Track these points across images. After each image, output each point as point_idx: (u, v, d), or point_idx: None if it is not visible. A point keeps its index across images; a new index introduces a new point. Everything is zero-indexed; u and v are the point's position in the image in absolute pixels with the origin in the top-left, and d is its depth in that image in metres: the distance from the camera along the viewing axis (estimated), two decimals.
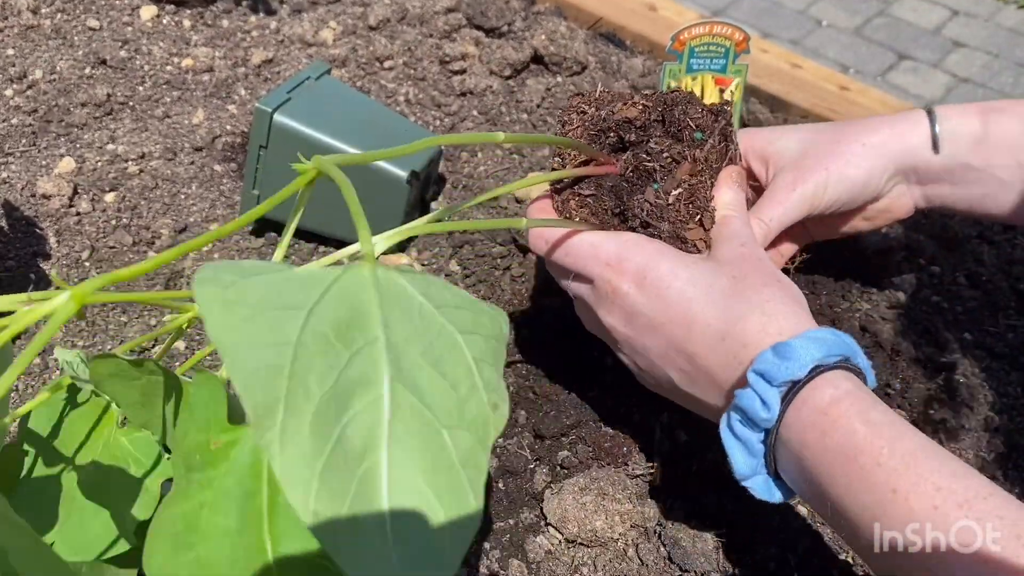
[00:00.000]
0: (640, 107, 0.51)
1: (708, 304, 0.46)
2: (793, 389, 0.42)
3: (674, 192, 0.49)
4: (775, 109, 0.92)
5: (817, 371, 0.42)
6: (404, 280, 0.29)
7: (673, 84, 0.79)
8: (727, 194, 0.52)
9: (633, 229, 0.50)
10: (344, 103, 0.72)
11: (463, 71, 0.94)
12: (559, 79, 0.94)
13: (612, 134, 0.52)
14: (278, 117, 0.66)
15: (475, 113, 0.89)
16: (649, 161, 0.50)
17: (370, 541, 0.23)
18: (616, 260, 0.49)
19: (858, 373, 0.44)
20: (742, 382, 0.44)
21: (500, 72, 0.93)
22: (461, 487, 0.25)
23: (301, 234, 0.74)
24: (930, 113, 0.57)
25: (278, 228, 0.74)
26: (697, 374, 0.47)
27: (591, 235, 0.50)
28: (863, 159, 0.57)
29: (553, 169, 0.53)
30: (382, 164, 0.66)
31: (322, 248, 0.73)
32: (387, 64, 0.94)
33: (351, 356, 0.25)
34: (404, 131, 0.73)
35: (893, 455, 0.39)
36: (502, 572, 0.53)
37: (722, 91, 0.79)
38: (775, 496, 0.45)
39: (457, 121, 0.88)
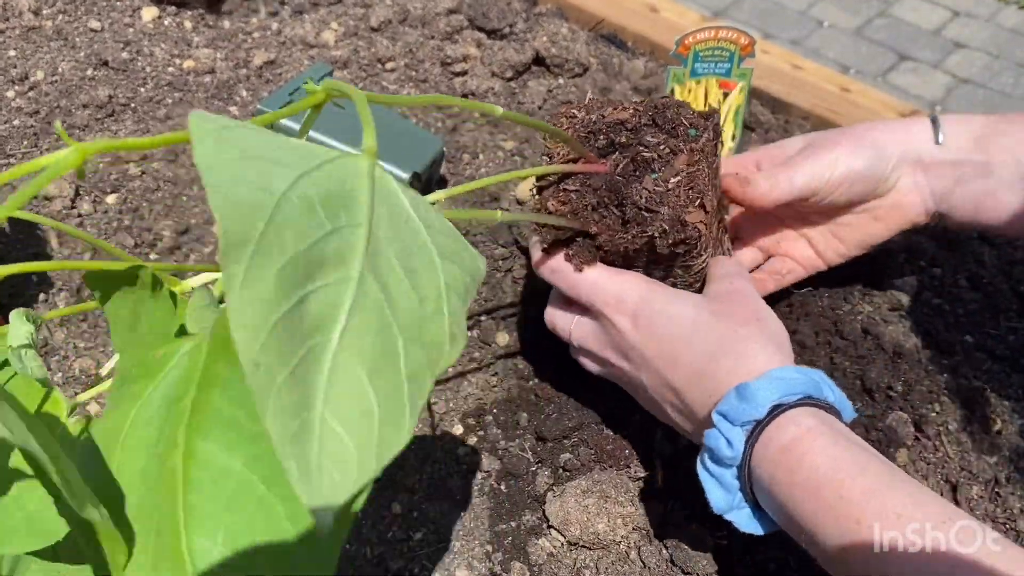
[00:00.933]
0: (632, 111, 0.53)
1: (691, 342, 0.49)
2: (757, 428, 0.44)
3: (673, 179, 0.50)
4: (776, 110, 0.92)
5: (779, 410, 0.44)
6: (398, 188, 0.28)
7: (677, 87, 0.79)
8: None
9: (626, 221, 0.50)
10: (345, 104, 0.72)
11: (465, 73, 0.94)
12: (561, 81, 0.94)
13: (602, 136, 0.52)
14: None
15: (476, 115, 0.89)
16: (647, 152, 0.51)
17: (302, 415, 0.22)
18: (615, 299, 0.52)
19: (828, 408, 0.46)
20: (711, 421, 0.46)
21: (502, 74, 0.93)
22: (401, 400, 0.24)
23: None
24: (934, 120, 0.60)
25: None
26: (684, 409, 0.50)
27: (594, 272, 0.53)
28: (870, 145, 0.59)
29: (540, 176, 0.54)
30: (384, 165, 0.66)
31: None
32: (389, 65, 0.94)
33: (332, 230, 0.24)
34: (406, 133, 0.73)
35: (854, 487, 0.41)
36: (504, 574, 0.53)
37: (726, 94, 0.80)
38: (758, 529, 0.47)
39: (459, 122, 0.88)
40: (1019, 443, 0.60)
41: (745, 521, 0.47)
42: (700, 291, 0.55)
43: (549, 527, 0.55)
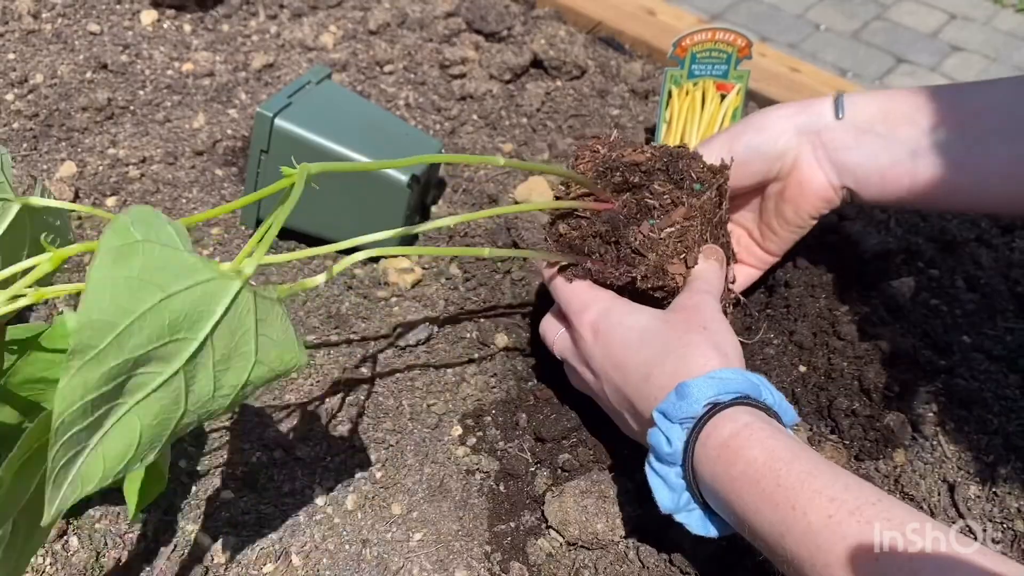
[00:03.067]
0: (648, 155, 0.56)
1: (638, 350, 0.51)
2: (696, 426, 0.45)
3: (667, 229, 0.55)
4: None
5: (716, 408, 0.45)
6: (254, 304, 0.37)
7: (674, 89, 0.79)
8: (703, 263, 0.56)
9: (619, 258, 0.55)
10: (344, 107, 0.72)
11: (463, 75, 0.94)
12: (559, 83, 0.95)
13: (618, 174, 0.56)
14: (279, 122, 0.66)
15: (475, 117, 0.89)
16: (651, 199, 0.55)
17: (79, 447, 0.32)
18: (579, 310, 0.55)
19: (765, 408, 0.47)
20: (654, 420, 0.48)
21: (500, 76, 0.93)
22: (160, 440, 0.35)
23: (301, 238, 0.74)
24: (837, 97, 0.61)
25: (279, 232, 0.74)
26: (636, 414, 0.51)
27: (576, 285, 0.56)
28: (763, 124, 0.61)
29: (557, 197, 0.58)
30: (383, 168, 0.66)
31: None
32: (387, 68, 0.94)
33: (169, 341, 0.33)
34: (404, 135, 0.74)
35: (790, 475, 0.42)
36: (503, 574, 0.53)
37: (723, 96, 0.80)
38: (710, 531, 0.47)
39: (457, 125, 0.88)
40: (1016, 443, 0.60)
41: (697, 523, 0.47)
42: None
43: (548, 527, 0.56)
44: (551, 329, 0.60)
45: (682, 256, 0.55)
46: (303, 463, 0.58)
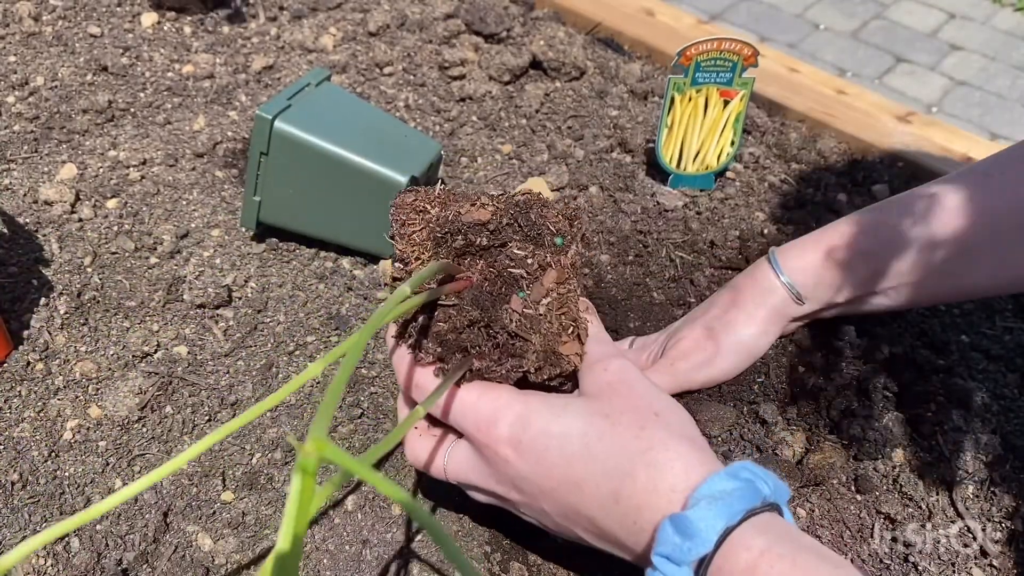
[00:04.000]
0: (492, 209, 0.47)
1: (589, 460, 0.43)
2: (705, 561, 0.39)
3: (544, 301, 0.46)
4: (772, 113, 0.93)
5: (725, 535, 0.39)
6: None
7: (677, 96, 0.79)
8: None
9: (500, 347, 0.46)
10: (344, 109, 0.72)
11: (462, 76, 0.94)
12: (558, 84, 0.95)
13: (459, 238, 0.47)
14: (278, 124, 0.66)
15: (474, 118, 0.90)
16: (514, 267, 0.46)
17: None
18: (487, 424, 0.45)
19: (769, 507, 0.41)
20: (648, 554, 0.41)
21: (499, 77, 0.93)
22: None
23: (301, 239, 0.74)
24: (778, 273, 0.62)
25: (279, 233, 0.74)
26: (603, 535, 0.44)
27: (468, 392, 0.46)
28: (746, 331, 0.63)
29: (394, 277, 0.49)
30: (382, 169, 0.67)
31: (323, 253, 0.74)
32: (387, 70, 0.94)
33: None
34: (404, 137, 0.74)
35: None
36: (503, 574, 0.53)
37: (727, 103, 0.80)
38: None
39: (456, 126, 0.89)
40: (1015, 442, 0.60)
41: None
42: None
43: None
44: (426, 448, 0.49)
45: (570, 331, 0.46)
46: None
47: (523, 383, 0.47)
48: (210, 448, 0.59)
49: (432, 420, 0.49)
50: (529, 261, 0.46)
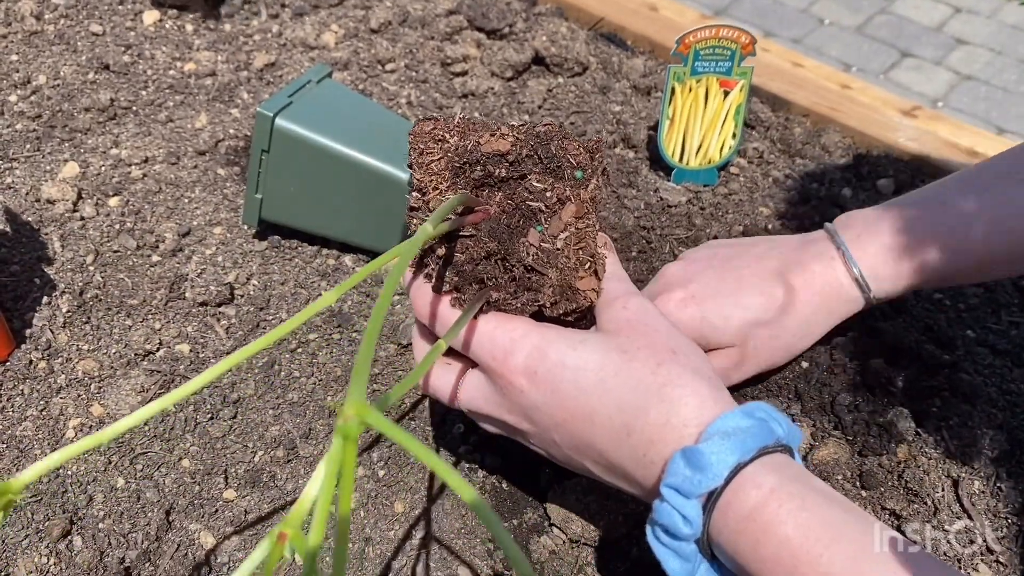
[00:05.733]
0: (511, 140, 0.46)
1: (604, 393, 0.43)
2: (713, 495, 0.40)
3: (562, 236, 0.45)
4: (776, 108, 0.92)
5: (736, 471, 0.39)
6: None
7: (678, 86, 0.79)
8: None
9: (515, 280, 0.45)
10: (346, 106, 0.72)
11: (464, 73, 0.94)
12: (560, 80, 0.95)
13: (479, 168, 0.46)
14: (280, 121, 0.66)
15: (477, 115, 0.89)
16: (532, 200, 0.46)
17: None
18: (504, 354, 0.45)
19: (782, 448, 0.41)
20: (657, 487, 0.41)
21: (501, 74, 0.93)
22: None
23: (303, 237, 0.74)
24: (849, 262, 0.57)
25: (281, 231, 0.74)
26: (612, 468, 0.44)
27: (485, 323, 0.46)
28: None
29: (411, 207, 0.48)
30: (385, 167, 0.66)
31: (325, 250, 0.74)
32: (389, 67, 0.94)
33: None
34: (406, 134, 0.73)
35: (833, 561, 0.37)
36: (506, 572, 0.53)
37: (727, 93, 0.80)
38: None
39: None
40: (1021, 438, 0.60)
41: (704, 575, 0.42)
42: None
43: (551, 525, 0.56)
44: (444, 377, 0.49)
45: (588, 266, 0.45)
46: (306, 462, 0.59)
47: (538, 317, 0.46)
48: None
49: (448, 352, 0.49)
50: (548, 194, 0.46)
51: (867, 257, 0.57)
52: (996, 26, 2.37)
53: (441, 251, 0.46)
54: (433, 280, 0.47)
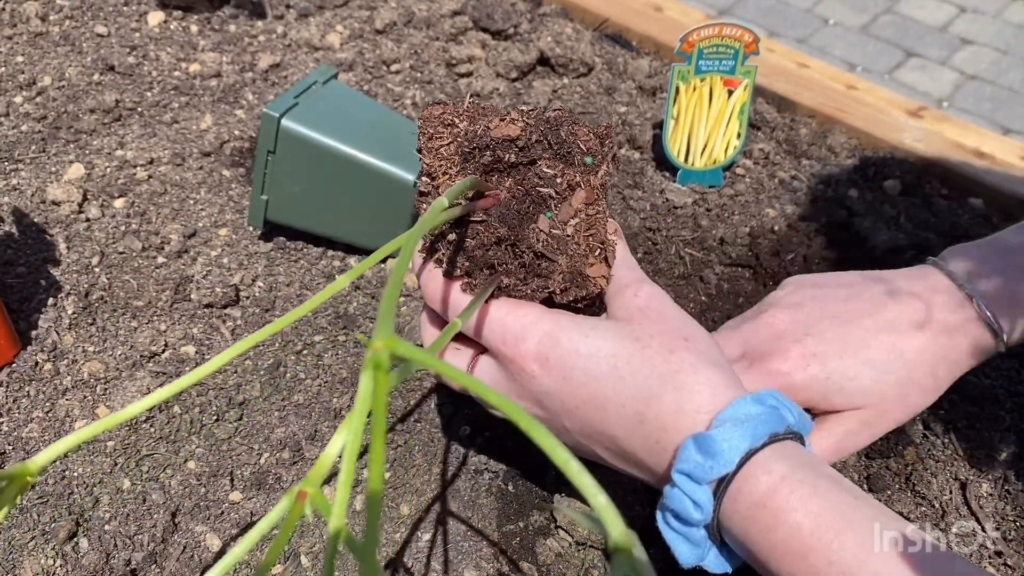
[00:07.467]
0: (521, 125, 0.46)
1: (616, 381, 0.42)
2: (724, 481, 0.40)
3: (571, 222, 0.45)
4: (782, 108, 0.92)
5: (747, 457, 0.39)
6: None
7: (681, 85, 0.79)
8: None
9: (525, 266, 0.45)
10: (351, 107, 0.72)
11: (470, 74, 0.94)
12: (565, 81, 0.94)
13: (488, 153, 0.45)
14: (285, 122, 0.66)
15: None
16: (542, 186, 0.45)
17: None
18: (515, 340, 0.44)
19: (792, 436, 0.41)
20: (668, 473, 0.41)
21: (506, 74, 0.93)
22: None
23: (308, 238, 0.74)
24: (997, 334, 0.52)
25: (286, 232, 0.74)
26: (624, 455, 0.44)
27: (497, 308, 0.45)
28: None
29: (420, 192, 0.48)
30: (390, 168, 0.66)
31: (330, 252, 0.73)
32: (394, 67, 0.94)
33: None
34: (411, 134, 0.73)
35: (844, 549, 0.37)
36: (512, 575, 0.53)
37: (731, 92, 0.79)
38: (727, 567, 0.43)
39: None
40: None
41: (714, 562, 0.43)
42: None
43: (557, 527, 0.55)
44: (457, 364, 0.49)
45: (598, 253, 0.45)
46: (312, 463, 0.58)
47: (548, 304, 0.46)
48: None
49: (459, 338, 0.48)
50: (558, 180, 0.45)
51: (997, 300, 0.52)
52: (1001, 26, 2.37)
53: (452, 236, 0.46)
54: (444, 265, 0.46)
